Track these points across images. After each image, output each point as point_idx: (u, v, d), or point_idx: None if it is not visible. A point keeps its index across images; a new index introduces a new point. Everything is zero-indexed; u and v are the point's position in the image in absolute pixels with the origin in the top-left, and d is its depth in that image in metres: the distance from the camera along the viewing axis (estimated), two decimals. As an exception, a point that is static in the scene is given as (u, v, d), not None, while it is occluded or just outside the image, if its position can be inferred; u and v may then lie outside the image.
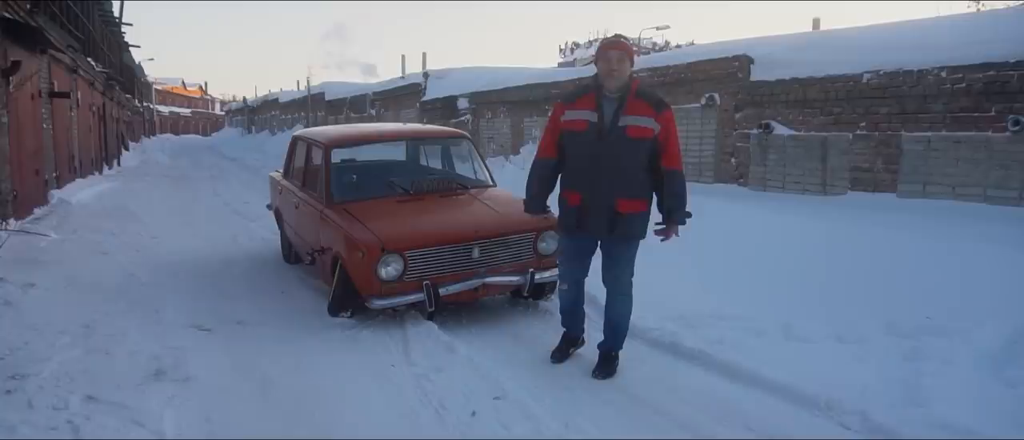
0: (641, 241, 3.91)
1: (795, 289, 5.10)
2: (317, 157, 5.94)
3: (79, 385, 3.52)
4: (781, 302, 4.87)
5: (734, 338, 4.32)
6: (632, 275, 3.97)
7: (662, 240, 3.87)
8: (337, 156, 5.88)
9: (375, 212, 5.15)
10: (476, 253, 4.87)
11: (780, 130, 8.30)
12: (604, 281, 3.99)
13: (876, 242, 5.61)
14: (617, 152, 3.63)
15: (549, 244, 5.02)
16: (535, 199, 4.06)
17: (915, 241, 5.47)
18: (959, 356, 3.86)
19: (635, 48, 3.84)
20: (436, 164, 6.62)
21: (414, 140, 6.80)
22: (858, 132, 7.55)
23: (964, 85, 6.57)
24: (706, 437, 3.27)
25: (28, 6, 10.07)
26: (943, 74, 6.72)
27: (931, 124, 6.89)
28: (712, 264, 5.77)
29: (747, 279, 5.40)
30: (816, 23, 11.85)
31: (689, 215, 3.84)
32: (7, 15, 8.85)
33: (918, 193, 6.97)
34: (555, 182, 4.02)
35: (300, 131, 7.18)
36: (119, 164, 22.04)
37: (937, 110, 6.83)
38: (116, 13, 23.59)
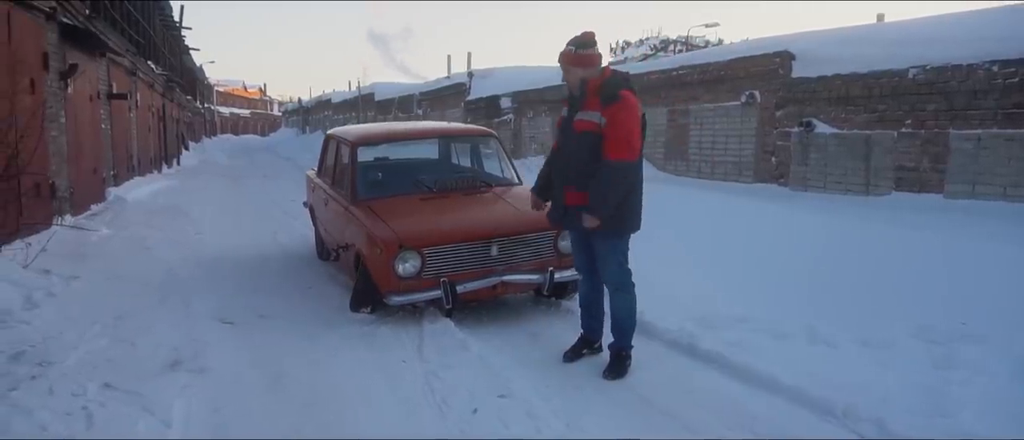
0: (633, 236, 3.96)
1: (825, 291, 4.93)
2: (345, 155, 6.04)
3: (100, 373, 3.66)
4: (809, 305, 4.72)
5: (754, 341, 4.21)
6: (622, 274, 3.93)
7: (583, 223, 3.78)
8: (363, 154, 5.97)
9: (397, 209, 5.21)
10: (495, 251, 4.86)
11: (822, 128, 8.04)
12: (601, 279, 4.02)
13: (915, 244, 5.38)
14: (569, 146, 3.88)
15: (569, 243, 4.97)
16: (536, 185, 4.36)
17: (957, 243, 5.23)
18: (993, 365, 3.68)
19: (592, 53, 3.85)
20: (468, 163, 6.65)
21: (441, 138, 6.84)
22: (903, 130, 7.24)
23: (1017, 80, 6.23)
24: (710, 440, 3.19)
25: (87, 11, 10.55)
26: (994, 68, 6.39)
27: (981, 121, 6.56)
28: (741, 265, 5.64)
29: (776, 281, 5.25)
30: (880, 18, 11.37)
31: (608, 207, 3.70)
32: (65, 20, 9.29)
33: (966, 193, 6.64)
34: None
35: (333, 130, 7.31)
36: (179, 163, 22.90)
37: (988, 106, 6.50)
38: (176, 17, 24.50)
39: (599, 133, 3.68)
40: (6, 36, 7.06)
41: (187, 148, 28.40)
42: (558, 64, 3.90)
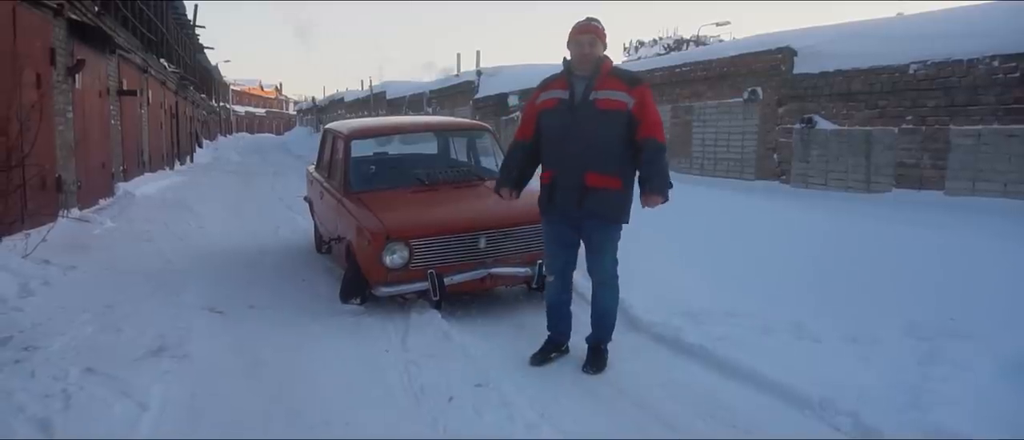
0: (625, 227, 3.85)
1: (818, 288, 4.88)
2: (339, 148, 6.08)
3: (83, 358, 3.72)
4: (799, 301, 4.67)
5: (740, 335, 4.18)
6: (615, 265, 3.88)
7: (644, 206, 3.72)
8: (357, 148, 6.01)
9: (387, 202, 5.24)
10: (483, 243, 4.87)
11: (823, 125, 7.98)
12: (588, 271, 3.94)
13: (912, 241, 5.33)
14: (587, 125, 3.65)
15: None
16: (504, 176, 4.12)
17: (954, 240, 5.18)
18: (978, 362, 3.62)
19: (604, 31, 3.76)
20: (465, 157, 6.67)
21: (434, 132, 6.87)
22: (904, 126, 7.17)
23: (1018, 75, 6.15)
24: (685, 432, 3.18)
25: (96, 8, 10.69)
26: (995, 63, 6.31)
27: (982, 117, 6.49)
28: (735, 261, 5.60)
29: (770, 277, 5.20)
30: (900, 16, 11.19)
31: (670, 186, 3.66)
32: (74, 17, 9.42)
33: (967, 190, 6.56)
34: (530, 165, 4.05)
35: (330, 124, 7.37)
36: (192, 160, 23.13)
37: (988, 102, 6.42)
38: (190, 16, 24.74)
39: (628, 113, 3.59)
40: (11, 32, 7.17)
41: (201, 145, 28.67)
42: (573, 43, 3.70)
